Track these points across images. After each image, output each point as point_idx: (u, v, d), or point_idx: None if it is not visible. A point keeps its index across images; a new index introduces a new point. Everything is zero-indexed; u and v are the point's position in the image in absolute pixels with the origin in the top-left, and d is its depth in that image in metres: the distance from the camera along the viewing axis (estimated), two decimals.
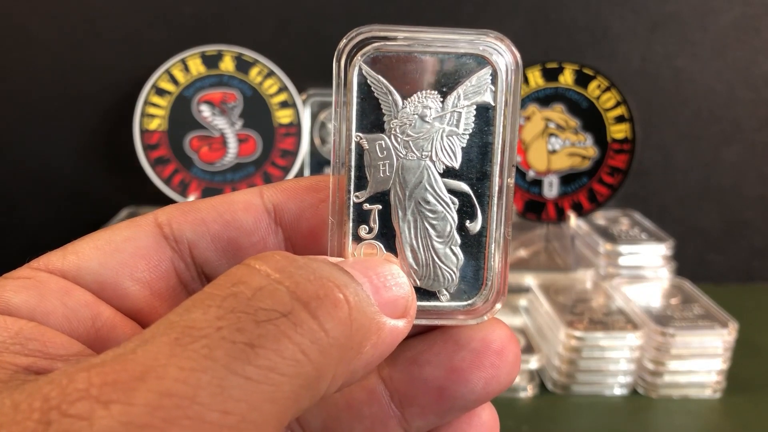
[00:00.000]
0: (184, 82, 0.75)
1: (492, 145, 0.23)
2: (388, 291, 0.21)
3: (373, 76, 0.22)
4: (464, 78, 0.22)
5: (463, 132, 0.22)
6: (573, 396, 0.60)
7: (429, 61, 0.22)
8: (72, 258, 0.22)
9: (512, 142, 0.22)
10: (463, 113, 0.22)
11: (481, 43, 0.22)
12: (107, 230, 0.23)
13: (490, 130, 0.22)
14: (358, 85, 0.22)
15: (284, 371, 0.17)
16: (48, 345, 0.20)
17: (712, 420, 0.58)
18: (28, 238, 0.84)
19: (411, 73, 0.22)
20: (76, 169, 0.83)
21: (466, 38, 0.22)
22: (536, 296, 0.67)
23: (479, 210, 0.23)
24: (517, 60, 0.22)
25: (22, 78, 0.80)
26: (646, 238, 0.76)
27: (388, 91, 0.22)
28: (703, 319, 0.62)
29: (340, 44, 0.22)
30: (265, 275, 0.19)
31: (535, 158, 0.78)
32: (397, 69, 0.22)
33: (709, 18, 0.81)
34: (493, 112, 0.22)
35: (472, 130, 0.22)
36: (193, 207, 0.24)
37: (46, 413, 0.15)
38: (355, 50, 0.22)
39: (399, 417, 0.24)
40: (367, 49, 0.22)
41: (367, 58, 0.22)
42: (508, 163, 0.23)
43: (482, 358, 0.23)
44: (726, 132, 0.84)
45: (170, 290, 0.23)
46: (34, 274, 0.22)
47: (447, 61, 0.22)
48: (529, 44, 0.80)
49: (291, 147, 0.76)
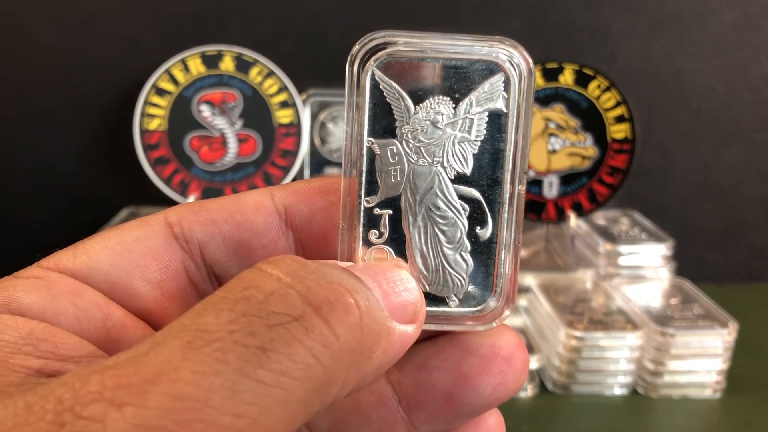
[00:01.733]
0: (184, 82, 0.75)
1: (503, 152, 0.23)
2: (397, 296, 0.21)
3: (386, 81, 0.22)
4: (477, 84, 0.22)
5: (474, 138, 0.22)
6: (573, 396, 0.60)
7: (442, 67, 0.22)
8: (83, 258, 0.22)
9: (524, 149, 0.23)
10: (475, 120, 0.22)
11: (495, 50, 0.22)
12: (117, 230, 0.23)
13: (501, 137, 0.22)
14: (370, 89, 0.22)
15: (295, 375, 0.17)
16: (59, 346, 0.20)
17: (712, 420, 0.58)
18: (28, 237, 0.85)
19: (423, 78, 0.22)
20: (76, 169, 0.83)
21: (480, 45, 0.22)
22: (536, 296, 0.67)
23: (490, 217, 0.23)
24: (530, 67, 0.22)
25: (22, 77, 0.80)
26: (646, 238, 0.76)
27: (400, 97, 0.22)
28: (703, 319, 0.62)
29: (354, 49, 0.22)
30: (276, 279, 0.19)
31: (535, 158, 0.78)
32: (409, 74, 0.22)
33: (709, 18, 0.81)
34: (505, 119, 0.22)
35: (484, 136, 0.22)
36: (204, 207, 0.24)
37: (60, 415, 0.15)
38: (368, 55, 0.22)
39: (407, 421, 0.24)
40: (380, 54, 0.22)
41: (380, 63, 0.22)
42: (520, 170, 0.23)
43: (491, 364, 0.23)
44: (726, 132, 0.84)
45: (181, 291, 0.23)
46: (44, 274, 0.22)
47: (460, 67, 0.22)
48: (529, 44, 0.80)
49: (291, 147, 0.76)
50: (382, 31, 0.22)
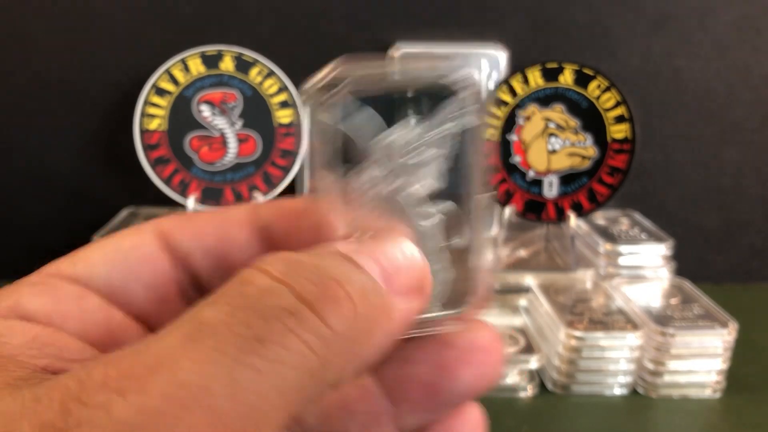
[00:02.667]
0: (184, 82, 0.75)
1: (471, 165, 0.24)
2: (399, 273, 0.22)
3: (351, 107, 0.22)
4: (442, 103, 0.23)
5: (443, 154, 0.23)
6: (573, 396, 0.61)
7: (404, 88, 0.23)
8: (82, 264, 0.23)
9: (486, 160, 0.24)
10: (442, 137, 0.23)
11: (454, 70, 0.23)
12: (113, 238, 0.24)
13: (468, 150, 0.24)
14: (333, 120, 0.23)
15: (291, 363, 0.18)
16: (63, 349, 0.20)
17: (711, 420, 0.58)
18: (28, 237, 0.85)
19: (388, 101, 0.23)
20: (76, 169, 0.83)
21: (441, 65, 0.23)
22: (536, 296, 0.67)
23: (464, 225, 0.24)
24: (488, 84, 0.24)
25: (21, 78, 0.80)
26: (645, 238, 0.76)
27: (367, 121, 0.23)
28: (703, 319, 0.62)
29: (312, 83, 0.22)
30: (271, 277, 0.19)
31: (535, 158, 0.78)
32: (375, 99, 0.23)
33: (709, 18, 0.81)
34: (471, 134, 0.24)
35: (453, 151, 0.24)
36: (192, 219, 0.25)
37: (66, 404, 0.16)
38: (330, 87, 0.22)
39: (391, 413, 0.25)
40: (343, 84, 0.22)
41: (341, 91, 0.22)
42: (483, 179, 0.24)
43: (470, 355, 0.24)
44: (726, 132, 0.84)
45: (174, 296, 0.25)
46: (47, 280, 0.23)
47: (423, 88, 0.23)
48: (529, 44, 0.81)
49: (291, 147, 0.76)
50: (341, 61, 0.22)
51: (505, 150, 0.78)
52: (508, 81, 0.77)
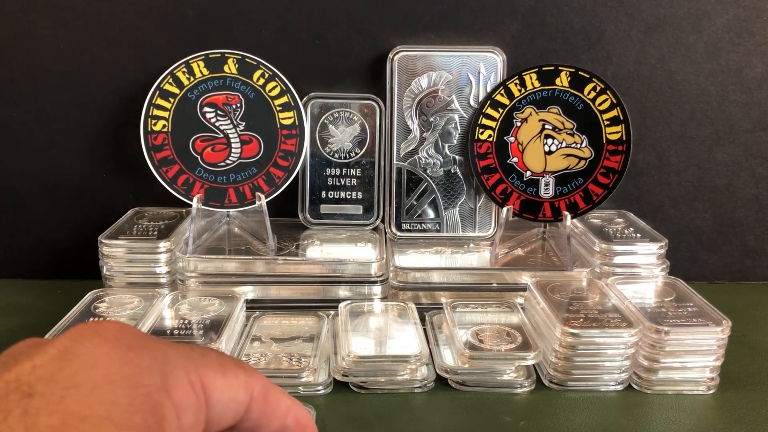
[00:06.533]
0: (188, 85, 0.76)
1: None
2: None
3: None
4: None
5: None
6: (569, 392, 0.61)
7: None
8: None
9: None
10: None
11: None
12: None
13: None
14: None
15: None
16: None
17: (705, 416, 0.58)
18: (35, 239, 0.85)
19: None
20: (82, 170, 0.83)
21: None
22: (533, 294, 0.68)
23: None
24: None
25: (29, 81, 0.81)
26: (640, 237, 0.76)
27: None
28: (697, 317, 0.62)
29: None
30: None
31: (531, 159, 0.78)
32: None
33: (703, 21, 0.81)
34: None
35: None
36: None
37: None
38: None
39: None
40: None
41: None
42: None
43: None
44: (719, 133, 0.85)
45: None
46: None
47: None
48: (526, 47, 0.81)
49: (293, 148, 0.77)
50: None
51: (502, 151, 0.79)
52: (505, 84, 0.78)
